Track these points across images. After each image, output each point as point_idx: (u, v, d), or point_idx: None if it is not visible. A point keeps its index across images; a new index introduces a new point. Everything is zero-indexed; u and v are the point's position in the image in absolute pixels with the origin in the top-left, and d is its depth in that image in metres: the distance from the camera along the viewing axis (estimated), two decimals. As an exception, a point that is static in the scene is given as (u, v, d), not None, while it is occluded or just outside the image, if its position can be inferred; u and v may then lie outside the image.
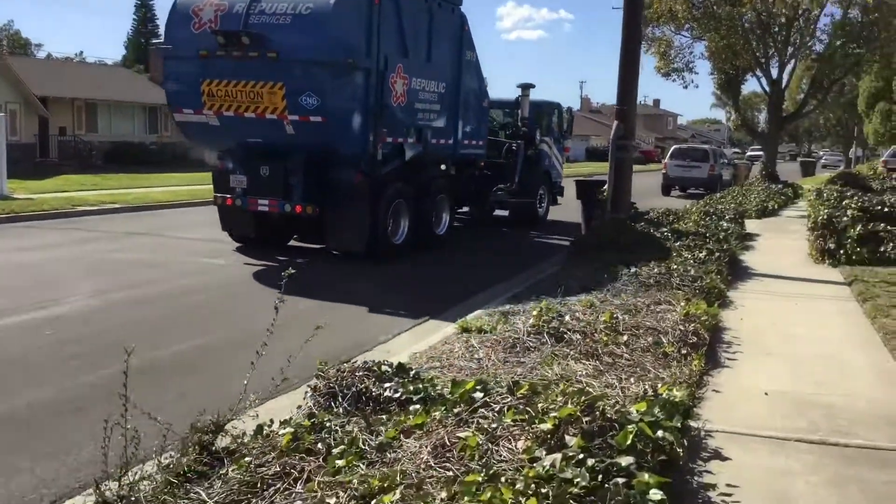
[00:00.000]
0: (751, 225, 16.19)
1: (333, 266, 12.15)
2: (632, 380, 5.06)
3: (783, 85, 28.95)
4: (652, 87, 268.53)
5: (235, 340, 7.33)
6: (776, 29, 27.42)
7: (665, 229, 11.50)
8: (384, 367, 4.93)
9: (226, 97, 11.60)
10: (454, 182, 15.76)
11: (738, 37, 24.88)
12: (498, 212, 18.69)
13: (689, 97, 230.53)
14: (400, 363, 5.12)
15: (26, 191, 20.51)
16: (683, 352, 5.87)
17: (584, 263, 9.89)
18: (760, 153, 41.63)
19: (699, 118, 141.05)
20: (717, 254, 9.94)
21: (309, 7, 11.11)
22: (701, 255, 9.78)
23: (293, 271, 4.89)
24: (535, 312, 6.62)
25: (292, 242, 13.56)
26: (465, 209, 18.81)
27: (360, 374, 4.78)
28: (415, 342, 7.14)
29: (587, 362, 5.45)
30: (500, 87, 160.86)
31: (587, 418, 3.84)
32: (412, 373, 4.97)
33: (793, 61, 28.72)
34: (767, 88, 28.35)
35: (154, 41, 48.98)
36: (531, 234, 17.23)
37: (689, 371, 5.41)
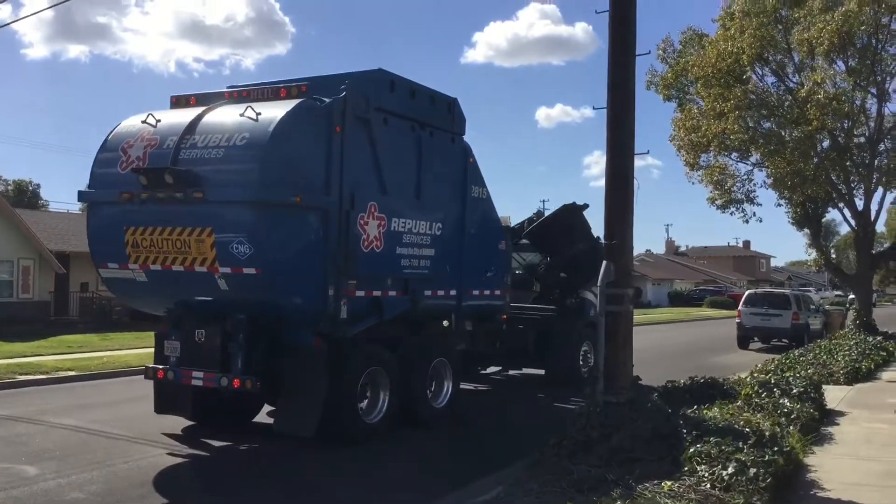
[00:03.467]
0: (835, 394, 12.65)
1: (265, 456, 9.58)
2: None
3: (872, 217, 25.23)
4: (742, 228, 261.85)
5: None
6: (855, 152, 24.18)
7: (685, 420, 8.15)
8: None
9: (151, 248, 9.52)
10: (472, 340, 13.20)
11: (808, 162, 21.70)
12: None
13: (782, 237, 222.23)
14: None
15: (4, 354, 18.89)
16: None
17: (548, 481, 6.87)
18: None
19: (796, 259, 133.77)
20: (753, 469, 6.51)
21: (244, 137, 9.10)
22: (727, 471, 6.51)
23: None
24: None
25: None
26: (497, 368, 16.18)
27: None
28: None
29: None
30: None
31: None
32: None
33: (879, 189, 24.85)
34: (853, 222, 24.85)
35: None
36: (568, 399, 14.21)
37: None
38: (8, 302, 29.89)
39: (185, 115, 9.86)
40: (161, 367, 10.05)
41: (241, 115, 9.28)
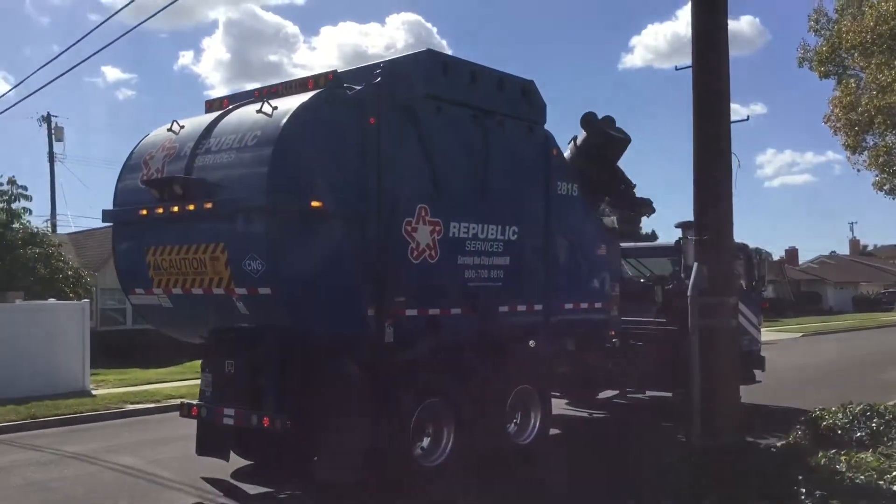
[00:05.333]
0: None
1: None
2: None
3: None
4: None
5: None
6: None
7: (809, 473, 5.89)
8: None
9: (171, 269, 8.47)
10: (576, 361, 11.37)
11: None
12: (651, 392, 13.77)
13: None
14: None
15: (120, 382, 18.85)
16: None
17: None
18: None
19: None
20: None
21: (256, 135, 7.85)
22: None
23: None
24: None
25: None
26: (613, 392, 14.10)
27: None
28: None
29: None
30: (765, 238, 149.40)
31: None
32: None
33: None
34: None
35: None
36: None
37: None
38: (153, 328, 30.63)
39: (207, 119, 8.78)
40: (195, 403, 8.97)
41: (258, 111, 8.06)
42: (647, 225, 51.81)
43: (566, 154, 12.17)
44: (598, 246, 11.38)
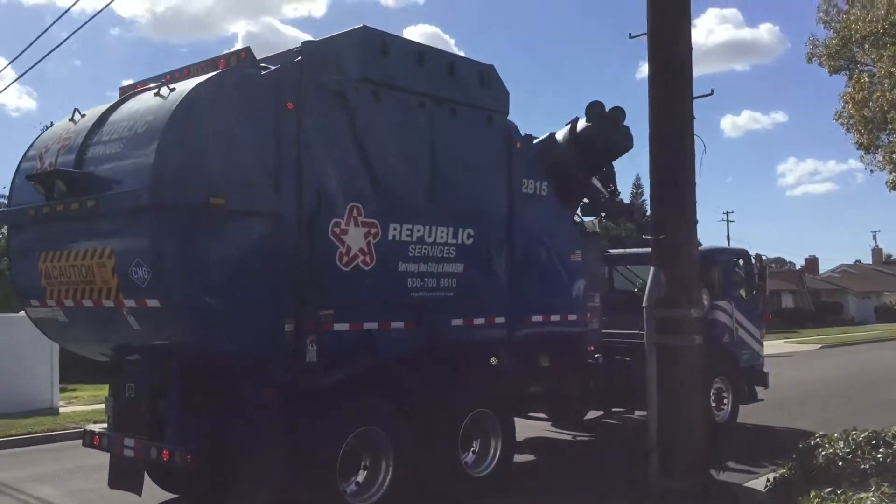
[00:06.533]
0: None
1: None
2: None
3: None
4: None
5: None
6: None
7: None
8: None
9: (61, 277, 7.36)
10: (552, 380, 10.17)
11: None
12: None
13: None
14: None
15: (93, 399, 17.78)
16: None
17: None
18: None
19: None
20: None
21: (147, 121, 6.74)
22: None
23: None
24: None
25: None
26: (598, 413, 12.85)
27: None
28: None
29: None
30: (787, 247, 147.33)
31: None
32: None
33: None
34: None
35: None
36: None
37: None
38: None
39: (107, 107, 7.70)
40: (97, 431, 7.85)
41: (156, 94, 6.96)
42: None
43: (560, 136, 11.02)
44: (573, 251, 10.15)
